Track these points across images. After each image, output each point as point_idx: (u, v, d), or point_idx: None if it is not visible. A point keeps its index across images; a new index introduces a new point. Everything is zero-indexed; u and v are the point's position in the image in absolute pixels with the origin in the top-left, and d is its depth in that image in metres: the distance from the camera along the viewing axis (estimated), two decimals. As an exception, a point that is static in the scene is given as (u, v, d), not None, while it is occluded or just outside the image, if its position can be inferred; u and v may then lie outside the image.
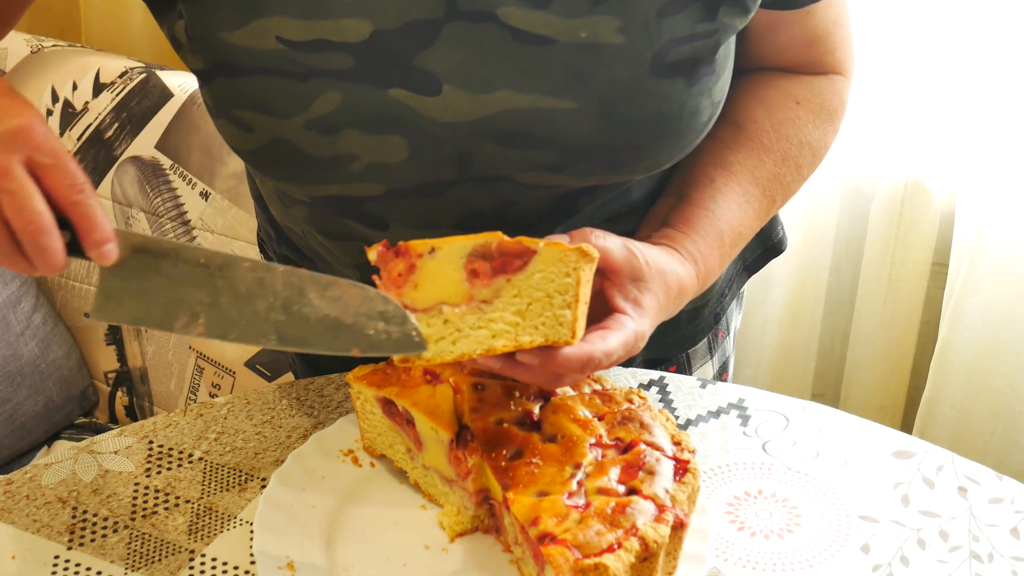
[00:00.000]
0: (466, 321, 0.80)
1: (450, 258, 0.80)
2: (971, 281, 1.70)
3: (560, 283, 0.80)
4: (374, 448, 0.94)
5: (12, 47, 1.85)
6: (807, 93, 1.00)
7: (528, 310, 0.81)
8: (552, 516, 0.79)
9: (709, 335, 1.19)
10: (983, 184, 1.69)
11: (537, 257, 0.80)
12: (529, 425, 0.87)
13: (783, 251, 1.26)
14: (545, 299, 0.80)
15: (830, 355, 1.97)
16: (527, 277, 0.80)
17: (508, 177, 0.91)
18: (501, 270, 0.80)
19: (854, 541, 0.89)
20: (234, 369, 1.73)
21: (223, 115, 0.91)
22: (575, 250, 0.80)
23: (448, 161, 0.89)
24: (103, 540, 0.89)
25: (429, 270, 0.80)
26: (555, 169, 0.90)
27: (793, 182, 1.00)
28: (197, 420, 1.01)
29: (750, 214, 0.97)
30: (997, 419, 1.77)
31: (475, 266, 0.80)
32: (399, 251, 0.80)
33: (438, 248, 0.80)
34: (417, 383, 0.90)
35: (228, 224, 1.69)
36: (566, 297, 0.80)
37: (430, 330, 0.80)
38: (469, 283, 0.80)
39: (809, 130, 1.00)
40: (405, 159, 0.89)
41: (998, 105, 1.66)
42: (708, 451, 0.97)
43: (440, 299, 0.80)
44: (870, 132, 1.76)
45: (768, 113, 0.99)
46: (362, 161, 0.89)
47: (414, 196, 0.92)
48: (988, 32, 1.64)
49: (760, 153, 0.98)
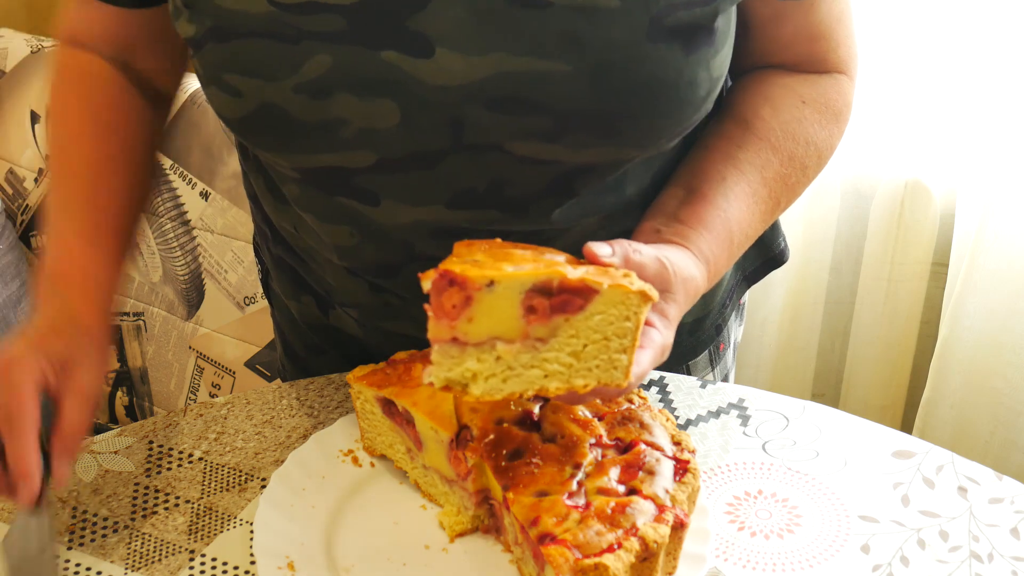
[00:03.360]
0: (519, 360, 0.76)
1: (509, 293, 0.75)
2: (971, 281, 1.71)
3: (619, 326, 0.76)
4: (374, 448, 0.95)
5: (12, 47, 1.85)
6: (813, 92, 1.00)
7: (584, 352, 0.77)
8: (552, 516, 0.79)
9: (711, 347, 1.19)
10: (983, 184, 1.69)
11: (599, 298, 0.76)
12: (529, 425, 0.87)
13: (784, 262, 1.25)
14: (603, 341, 0.77)
15: (830, 355, 1.97)
16: (587, 318, 0.76)
17: (500, 146, 0.89)
18: (560, 309, 0.76)
19: (854, 541, 0.89)
20: (234, 369, 1.73)
21: (213, 82, 0.90)
22: (638, 293, 0.76)
23: (440, 127, 0.88)
24: (103, 540, 0.89)
25: (486, 304, 0.75)
26: (549, 138, 0.88)
27: (798, 183, 0.99)
28: (197, 420, 1.01)
29: (757, 215, 0.96)
30: (997, 419, 1.77)
31: (534, 303, 0.76)
32: (456, 280, 0.75)
33: (497, 282, 0.75)
34: (417, 383, 0.90)
35: (228, 224, 1.70)
36: (624, 341, 0.77)
37: (481, 366, 0.76)
38: (526, 320, 0.76)
39: (815, 130, 0.99)
40: (396, 124, 0.87)
41: (998, 105, 1.66)
42: (708, 451, 0.97)
43: (494, 334, 0.76)
44: (870, 132, 1.76)
45: (775, 111, 0.98)
46: (353, 126, 0.87)
47: (405, 167, 0.90)
48: (988, 32, 1.64)
49: (768, 152, 0.97)
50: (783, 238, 1.24)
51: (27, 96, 1.81)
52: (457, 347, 0.76)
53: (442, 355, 0.76)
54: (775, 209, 0.98)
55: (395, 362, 0.94)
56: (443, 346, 0.76)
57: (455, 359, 0.76)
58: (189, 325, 1.76)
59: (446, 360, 0.76)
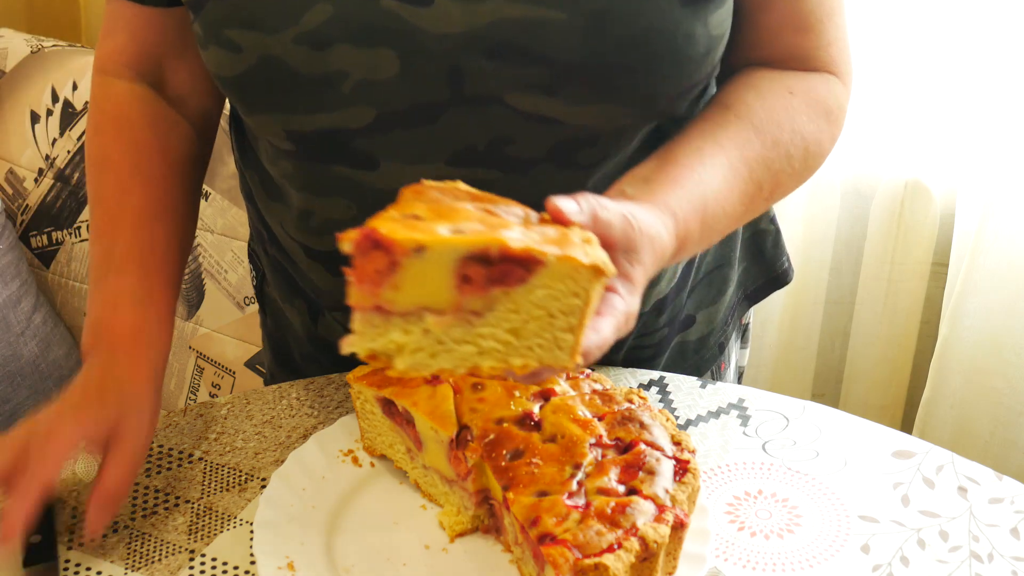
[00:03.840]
0: (451, 334, 0.69)
1: (440, 261, 0.68)
2: (971, 281, 1.71)
3: (566, 303, 0.69)
4: (374, 448, 0.94)
5: (12, 47, 1.85)
6: (801, 86, 0.98)
7: (524, 328, 0.70)
8: (552, 516, 0.79)
9: (713, 367, 1.19)
10: (983, 184, 1.69)
11: (544, 270, 0.68)
12: (529, 425, 0.87)
13: (787, 283, 1.24)
14: (546, 318, 0.69)
15: (830, 355, 1.97)
16: (529, 292, 0.69)
17: (500, 99, 0.88)
18: (499, 280, 0.68)
19: (854, 541, 0.89)
20: (234, 369, 1.73)
21: (213, 40, 0.90)
22: (589, 267, 0.68)
23: (439, 77, 0.87)
24: (103, 540, 0.89)
25: (414, 271, 0.68)
26: (547, 91, 0.87)
27: (782, 171, 0.95)
28: (197, 420, 1.01)
29: (736, 193, 0.91)
30: (997, 419, 1.77)
31: (469, 272, 0.68)
32: (380, 243, 0.67)
33: (427, 248, 0.67)
34: (417, 383, 0.90)
35: (228, 224, 1.70)
36: (571, 319, 0.69)
37: (407, 339, 0.69)
38: (459, 290, 0.68)
39: (803, 121, 0.96)
40: (396, 75, 0.87)
41: (998, 105, 1.66)
42: (708, 451, 0.97)
43: (423, 304, 0.69)
44: (870, 132, 1.77)
45: (760, 97, 0.95)
46: (352, 79, 0.87)
47: (405, 124, 0.89)
48: (988, 32, 1.64)
49: (749, 132, 0.93)
50: (787, 258, 1.23)
51: (27, 96, 1.81)
52: (381, 316, 0.69)
53: (364, 324, 0.69)
54: (757, 193, 0.93)
55: (395, 362, 0.93)
56: (365, 314, 0.69)
57: (378, 329, 0.69)
58: (189, 325, 1.76)
59: (368, 329, 0.69)
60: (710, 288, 1.15)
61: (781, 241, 1.22)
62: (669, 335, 1.12)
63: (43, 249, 1.82)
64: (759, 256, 1.21)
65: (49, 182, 1.79)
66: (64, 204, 1.79)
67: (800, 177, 0.98)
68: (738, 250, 1.17)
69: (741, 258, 1.18)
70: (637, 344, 1.09)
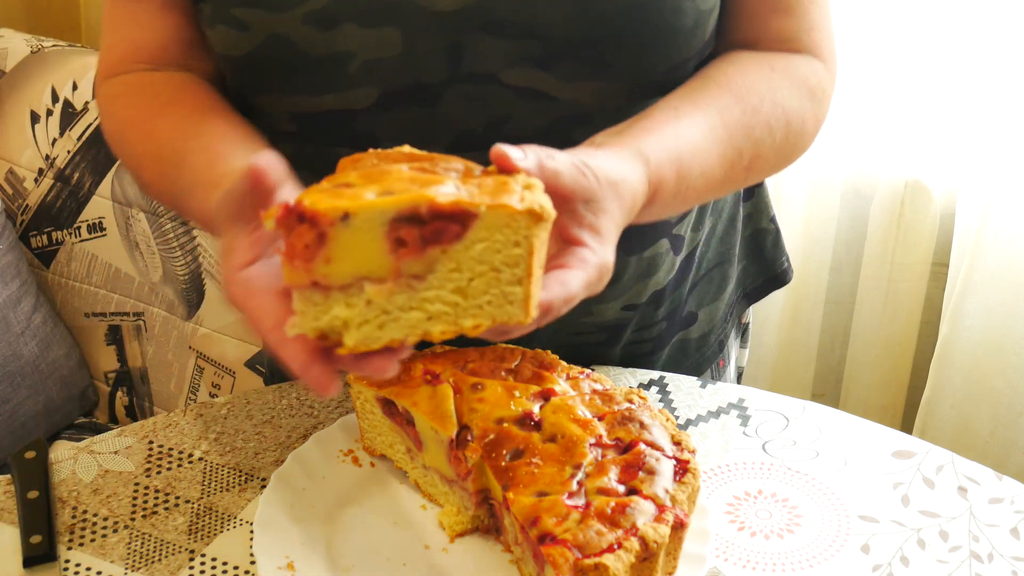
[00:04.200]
0: (394, 301, 0.66)
1: (368, 226, 0.64)
2: (971, 281, 1.71)
3: (508, 254, 0.66)
4: (374, 448, 0.94)
5: (12, 47, 1.85)
6: (783, 63, 0.97)
7: (470, 287, 0.67)
8: (552, 516, 0.79)
9: (712, 365, 1.19)
10: (983, 184, 1.69)
11: (478, 223, 0.65)
12: (529, 425, 0.87)
13: (787, 283, 1.24)
14: (491, 273, 0.66)
15: (830, 355, 1.97)
16: (467, 247, 0.66)
17: (496, 77, 0.90)
18: (434, 239, 0.65)
19: (854, 541, 0.89)
20: (234, 369, 1.73)
21: (220, 19, 0.90)
22: (524, 213, 0.65)
23: (439, 54, 0.89)
24: (103, 540, 0.89)
25: (344, 240, 0.65)
26: (541, 64, 0.89)
27: (763, 142, 0.92)
28: (197, 420, 1.01)
29: (714, 155, 0.89)
30: (997, 419, 1.77)
31: (401, 234, 0.65)
32: (304, 216, 0.64)
33: (352, 214, 0.64)
34: (417, 383, 0.90)
35: (228, 224, 1.69)
36: (516, 271, 0.66)
37: (351, 312, 0.66)
38: (394, 255, 0.65)
39: (784, 95, 0.94)
40: (399, 53, 0.88)
41: (998, 104, 1.66)
42: (708, 451, 0.97)
43: (360, 274, 0.66)
44: (870, 132, 1.76)
45: (741, 71, 0.94)
46: (358, 60, 0.88)
47: (406, 103, 0.90)
48: (988, 32, 1.64)
49: (729, 98, 0.91)
50: (786, 258, 1.23)
51: (27, 96, 1.81)
52: (320, 292, 0.66)
53: (305, 303, 0.67)
54: (736, 159, 0.91)
55: (395, 362, 0.93)
56: (303, 292, 0.66)
57: (320, 307, 0.67)
58: (189, 325, 1.76)
59: (310, 308, 0.67)
60: (711, 285, 1.15)
61: (781, 241, 1.23)
62: (669, 330, 1.12)
63: (43, 249, 1.82)
64: (759, 255, 1.21)
65: (49, 182, 1.79)
66: (64, 204, 1.79)
67: (781, 152, 0.96)
68: (738, 248, 1.17)
69: (741, 256, 1.19)
70: (635, 339, 1.09)
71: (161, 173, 0.92)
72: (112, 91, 1.00)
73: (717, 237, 1.14)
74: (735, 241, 1.16)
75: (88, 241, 1.79)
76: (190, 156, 0.87)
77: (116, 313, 1.80)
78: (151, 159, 0.93)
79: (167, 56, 1.00)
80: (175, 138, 0.90)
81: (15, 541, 0.88)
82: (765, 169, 0.96)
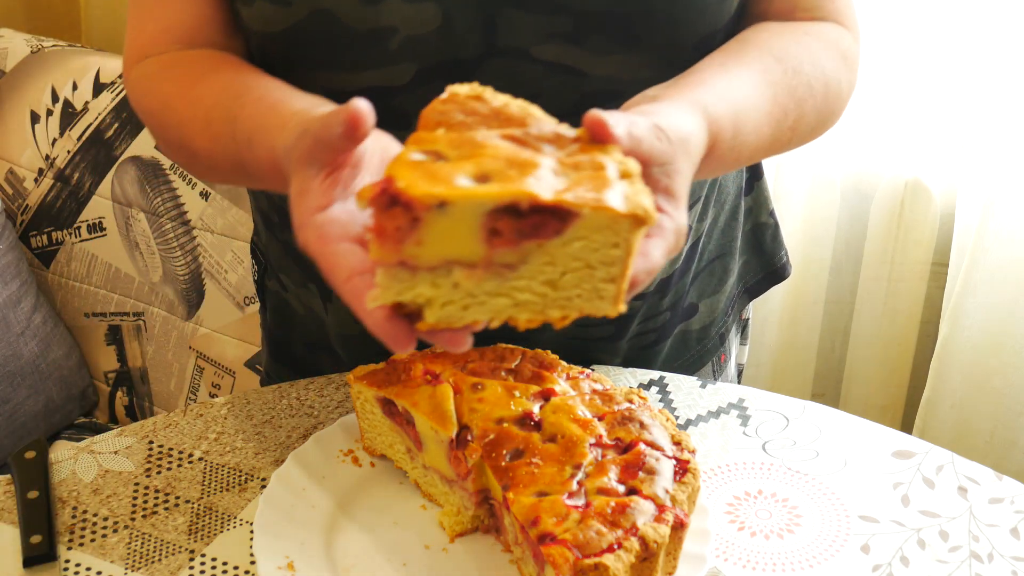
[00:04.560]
0: (483, 288, 0.65)
1: (464, 216, 0.62)
2: (971, 281, 1.71)
3: (606, 253, 0.64)
4: (374, 448, 0.94)
5: (12, 47, 1.85)
6: (814, 29, 0.97)
7: (562, 280, 0.65)
8: (552, 516, 0.79)
9: (713, 359, 1.19)
10: (983, 184, 1.69)
11: (579, 222, 0.63)
12: (529, 425, 0.87)
13: (786, 277, 1.25)
14: (585, 270, 0.65)
15: (830, 355, 1.97)
16: (564, 244, 0.64)
17: (527, 52, 0.91)
18: (531, 234, 0.63)
19: (854, 541, 0.89)
20: (234, 369, 1.73)
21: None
22: (628, 217, 0.63)
23: (475, 30, 0.90)
24: (103, 540, 0.89)
25: (438, 226, 0.62)
26: (572, 39, 0.90)
27: (806, 101, 0.92)
28: (197, 420, 1.01)
29: (763, 111, 0.88)
30: (997, 419, 1.77)
31: (497, 225, 0.63)
32: (400, 200, 0.62)
33: (450, 204, 0.62)
34: (417, 383, 0.90)
35: (228, 224, 1.70)
36: (612, 270, 0.64)
37: (436, 292, 0.64)
38: (488, 244, 0.63)
39: (821, 56, 0.94)
40: (437, 28, 0.89)
41: (998, 104, 1.66)
42: (708, 451, 0.97)
43: (451, 258, 0.64)
44: (870, 131, 1.76)
45: (776, 35, 0.94)
46: (400, 35, 0.88)
47: (442, 80, 0.87)
48: (988, 31, 1.64)
49: (770, 60, 0.91)
50: (785, 252, 1.24)
51: (27, 96, 1.81)
52: (407, 271, 0.64)
53: (389, 279, 0.65)
54: (783, 118, 0.90)
55: (395, 362, 0.94)
56: (390, 270, 0.64)
57: (405, 283, 0.65)
58: (189, 325, 1.76)
59: (394, 284, 0.65)
60: (712, 277, 1.15)
61: (780, 235, 1.23)
62: (671, 321, 1.12)
63: (43, 249, 1.82)
64: (759, 249, 1.22)
65: (49, 182, 1.79)
66: (64, 204, 1.79)
67: (822, 115, 0.95)
68: (739, 241, 1.18)
69: (742, 251, 1.19)
70: (641, 330, 1.10)
71: (215, 134, 0.89)
72: (147, 71, 0.98)
73: (719, 228, 1.15)
74: (736, 234, 1.17)
75: (88, 241, 1.79)
76: (247, 108, 0.85)
77: (116, 313, 1.80)
78: (201, 123, 0.91)
79: (199, 37, 0.98)
80: (226, 97, 0.88)
81: (15, 541, 0.88)
82: (806, 132, 0.95)
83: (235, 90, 0.88)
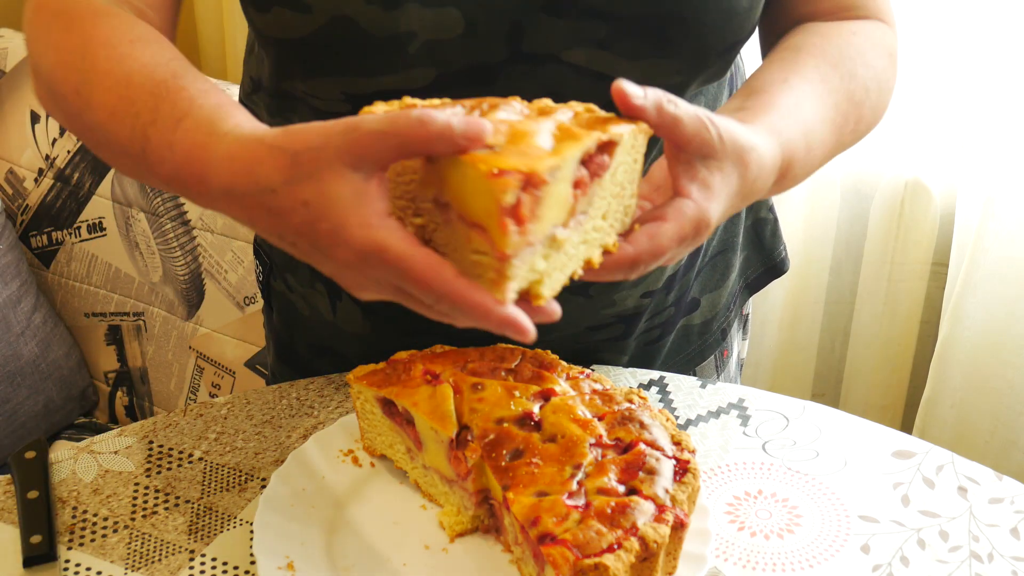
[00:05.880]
0: (571, 241, 0.69)
1: (566, 175, 0.67)
2: (971, 281, 1.71)
3: (629, 169, 0.71)
4: (374, 448, 0.94)
5: (12, 47, 1.85)
6: (860, 28, 0.97)
7: (610, 208, 0.70)
8: (552, 516, 0.79)
9: (716, 352, 1.19)
10: (983, 184, 1.69)
11: (619, 148, 0.69)
12: (529, 425, 0.87)
13: (785, 271, 1.25)
14: (619, 191, 0.71)
15: (830, 355, 1.97)
16: (612, 174, 0.70)
17: (556, 56, 0.90)
18: (595, 173, 0.69)
19: (854, 541, 0.89)
20: (234, 369, 1.73)
21: (277, 1, 0.87)
22: (644, 130, 0.71)
23: (500, 35, 0.89)
24: (103, 540, 0.89)
25: (551, 195, 0.66)
26: (602, 45, 0.89)
27: (864, 104, 0.93)
28: (197, 420, 1.01)
29: (827, 124, 0.89)
30: (997, 419, 1.77)
31: (579, 175, 0.68)
32: (530, 181, 0.64)
33: (558, 167, 0.66)
34: (417, 383, 0.90)
35: (228, 224, 1.69)
36: (632, 185, 0.71)
37: (547, 264, 0.67)
38: (574, 197, 0.68)
39: (871, 56, 0.95)
40: (460, 34, 0.88)
41: (998, 104, 1.66)
42: (708, 451, 0.97)
43: (555, 223, 0.67)
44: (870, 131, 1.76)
45: (826, 39, 0.94)
46: (419, 41, 0.87)
47: (463, 83, 0.89)
48: (988, 32, 1.64)
49: (826, 67, 0.91)
50: (784, 247, 1.24)
51: (27, 96, 1.81)
52: (528, 251, 0.66)
53: (519, 264, 0.66)
54: (844, 125, 0.91)
55: (395, 362, 0.94)
56: (521, 255, 0.66)
57: (527, 264, 0.67)
58: (189, 325, 1.76)
59: (522, 268, 0.66)
60: (714, 272, 1.16)
61: (779, 230, 1.23)
62: (675, 316, 1.13)
63: (43, 249, 1.82)
64: (758, 244, 1.22)
65: (49, 182, 1.79)
66: (64, 204, 1.79)
67: (876, 113, 0.96)
68: (741, 236, 1.18)
69: (743, 246, 1.19)
70: (648, 326, 1.10)
71: (130, 97, 0.81)
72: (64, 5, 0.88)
73: (722, 224, 1.15)
74: (738, 230, 1.17)
75: (88, 241, 1.79)
76: (187, 90, 0.79)
77: (116, 313, 1.80)
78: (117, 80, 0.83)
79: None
80: (163, 70, 0.82)
81: (15, 541, 0.88)
82: (863, 132, 0.96)
83: (174, 69, 0.82)
